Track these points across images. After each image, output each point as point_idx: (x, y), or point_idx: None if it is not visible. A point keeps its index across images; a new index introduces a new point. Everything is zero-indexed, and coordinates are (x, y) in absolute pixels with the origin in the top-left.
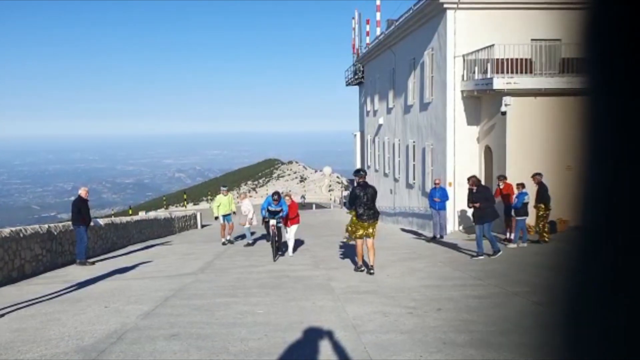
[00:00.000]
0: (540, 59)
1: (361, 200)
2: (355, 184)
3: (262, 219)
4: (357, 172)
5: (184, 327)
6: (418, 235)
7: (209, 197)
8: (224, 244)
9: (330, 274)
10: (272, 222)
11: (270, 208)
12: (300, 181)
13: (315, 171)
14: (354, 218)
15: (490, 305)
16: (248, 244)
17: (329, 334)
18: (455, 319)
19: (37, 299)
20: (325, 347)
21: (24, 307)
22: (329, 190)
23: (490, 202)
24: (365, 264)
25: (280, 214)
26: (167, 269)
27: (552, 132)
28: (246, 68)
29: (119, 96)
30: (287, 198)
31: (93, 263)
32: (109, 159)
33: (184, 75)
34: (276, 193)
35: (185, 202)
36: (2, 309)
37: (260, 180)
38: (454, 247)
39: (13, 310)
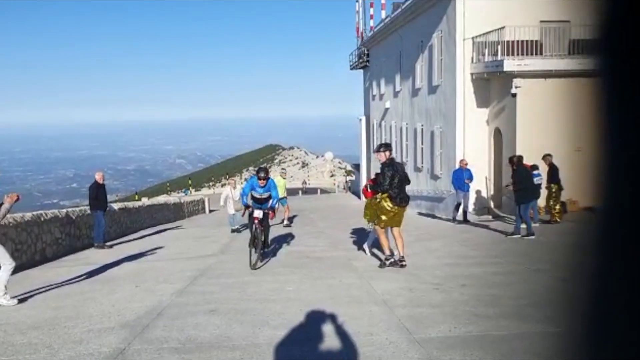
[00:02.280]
0: (549, 41)
1: (393, 182)
2: (382, 164)
3: (244, 208)
4: (384, 147)
5: (220, 303)
6: (437, 218)
7: (211, 184)
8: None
9: (350, 255)
10: (257, 213)
11: (254, 193)
12: (302, 167)
13: (317, 157)
14: (383, 202)
15: (514, 281)
16: (237, 230)
17: (363, 309)
18: (481, 293)
19: (67, 280)
20: (362, 320)
21: (56, 287)
22: (331, 176)
23: (529, 182)
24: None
25: (270, 203)
26: (187, 251)
27: (562, 114)
28: (246, 53)
29: (119, 83)
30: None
31: (111, 246)
32: (110, 146)
33: (183, 61)
34: (262, 170)
35: (191, 188)
36: (37, 289)
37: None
38: (476, 227)
39: (45, 291)
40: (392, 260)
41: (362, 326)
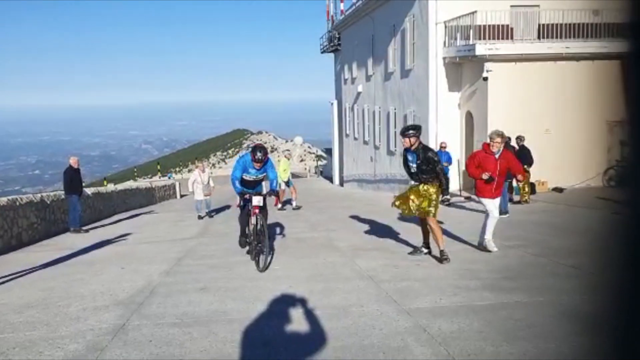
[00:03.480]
0: (519, 25)
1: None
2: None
3: (239, 197)
4: (414, 129)
5: (209, 282)
6: None
7: (178, 169)
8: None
9: (330, 235)
10: (256, 200)
11: (246, 176)
12: (271, 151)
13: (286, 141)
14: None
15: (491, 257)
16: (203, 216)
17: (350, 284)
18: (461, 268)
19: (49, 263)
20: (351, 294)
21: (40, 269)
22: (301, 161)
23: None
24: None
25: (269, 185)
26: (165, 235)
27: (531, 97)
28: (214, 36)
29: (82, 67)
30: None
31: (87, 231)
32: (74, 132)
33: (148, 44)
34: (260, 149)
35: (160, 173)
36: (20, 272)
37: (230, 151)
38: (454, 208)
39: (28, 273)
40: (422, 251)
41: (352, 299)
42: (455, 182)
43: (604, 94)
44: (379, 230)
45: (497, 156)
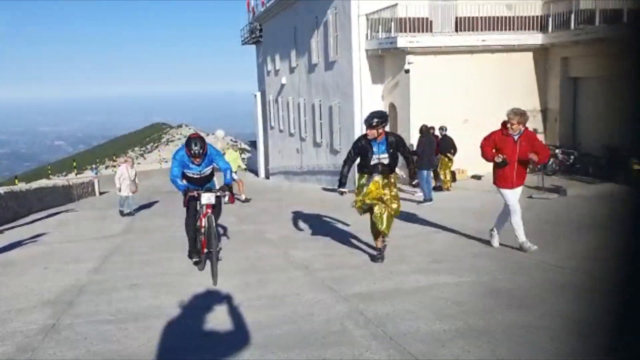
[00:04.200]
0: (438, 18)
1: None
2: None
3: (183, 196)
4: (380, 118)
5: (140, 278)
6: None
7: (94, 166)
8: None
9: (260, 228)
10: (206, 199)
11: (188, 173)
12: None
13: (207, 135)
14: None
15: (419, 242)
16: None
17: (285, 274)
18: (392, 254)
19: None
20: (287, 284)
21: None
22: (223, 154)
23: (427, 151)
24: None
25: (224, 179)
26: (88, 233)
27: (451, 88)
28: (129, 28)
29: None
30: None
31: (2, 232)
32: None
33: (57, 34)
34: (197, 140)
35: (76, 170)
36: None
37: (148, 146)
38: None
39: None
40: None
41: (288, 289)
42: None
43: (517, 84)
44: (309, 221)
45: (515, 138)
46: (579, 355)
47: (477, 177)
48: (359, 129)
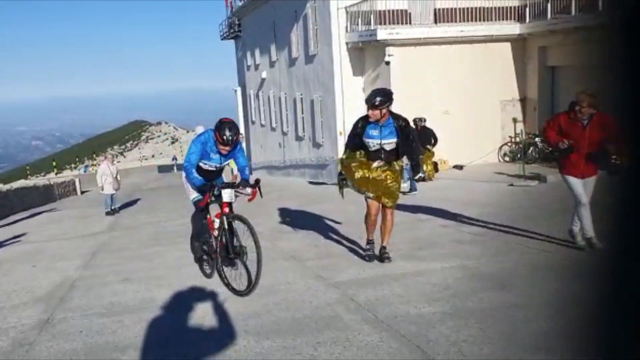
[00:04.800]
0: (417, 10)
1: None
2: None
3: (202, 194)
4: (383, 97)
5: (130, 273)
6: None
7: (74, 165)
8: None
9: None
10: (227, 196)
11: (205, 165)
12: (172, 142)
13: (188, 131)
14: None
15: (405, 229)
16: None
17: (275, 264)
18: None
19: None
20: (277, 273)
21: None
22: None
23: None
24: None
25: (240, 175)
26: (73, 231)
27: (431, 79)
28: (107, 25)
29: None
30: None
31: None
32: None
33: (32, 33)
34: (231, 125)
35: (56, 169)
36: None
37: (128, 144)
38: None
39: None
40: (369, 255)
41: (279, 278)
42: None
43: (496, 74)
44: (296, 213)
45: (585, 123)
46: (561, 328)
47: (459, 167)
48: (341, 122)
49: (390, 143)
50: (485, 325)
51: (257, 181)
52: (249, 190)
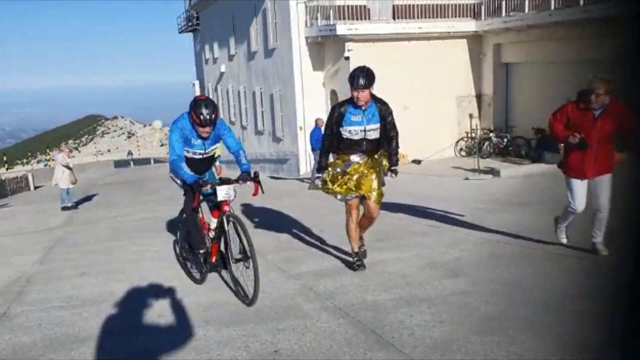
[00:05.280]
0: (376, 6)
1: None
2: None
3: (192, 192)
4: (365, 76)
5: (88, 267)
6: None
7: (26, 160)
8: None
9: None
10: (224, 193)
11: (189, 153)
12: (128, 137)
13: (145, 126)
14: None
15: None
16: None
17: None
18: (337, 236)
19: None
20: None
21: None
22: (161, 145)
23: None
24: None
25: (241, 164)
26: (27, 226)
27: (390, 75)
28: (62, 18)
29: None
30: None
31: None
32: None
33: None
34: (207, 102)
35: (7, 165)
36: None
37: (83, 139)
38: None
39: None
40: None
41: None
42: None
43: (453, 71)
44: (254, 208)
45: (597, 114)
46: (509, 312)
47: (417, 162)
48: (301, 116)
49: (374, 130)
50: (438, 310)
51: (256, 174)
52: (250, 183)
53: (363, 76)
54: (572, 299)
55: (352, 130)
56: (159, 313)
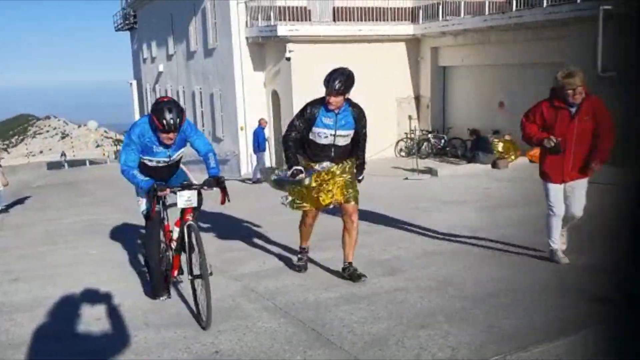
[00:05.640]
0: (316, 8)
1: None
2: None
3: (150, 200)
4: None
5: (21, 272)
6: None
7: None
8: None
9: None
10: (185, 199)
11: (150, 161)
12: (62, 138)
13: (79, 126)
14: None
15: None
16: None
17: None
18: (285, 235)
19: None
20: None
21: None
22: (97, 146)
23: None
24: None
25: (210, 169)
26: None
27: None
28: None
29: None
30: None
31: None
32: None
33: None
34: (171, 106)
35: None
36: None
37: (13, 140)
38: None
39: None
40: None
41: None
42: (267, 162)
43: (392, 73)
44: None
45: (573, 111)
46: (443, 306)
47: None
48: (242, 116)
49: (345, 136)
50: (376, 307)
51: (222, 180)
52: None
53: (341, 80)
54: (500, 292)
55: (320, 133)
56: (97, 317)
